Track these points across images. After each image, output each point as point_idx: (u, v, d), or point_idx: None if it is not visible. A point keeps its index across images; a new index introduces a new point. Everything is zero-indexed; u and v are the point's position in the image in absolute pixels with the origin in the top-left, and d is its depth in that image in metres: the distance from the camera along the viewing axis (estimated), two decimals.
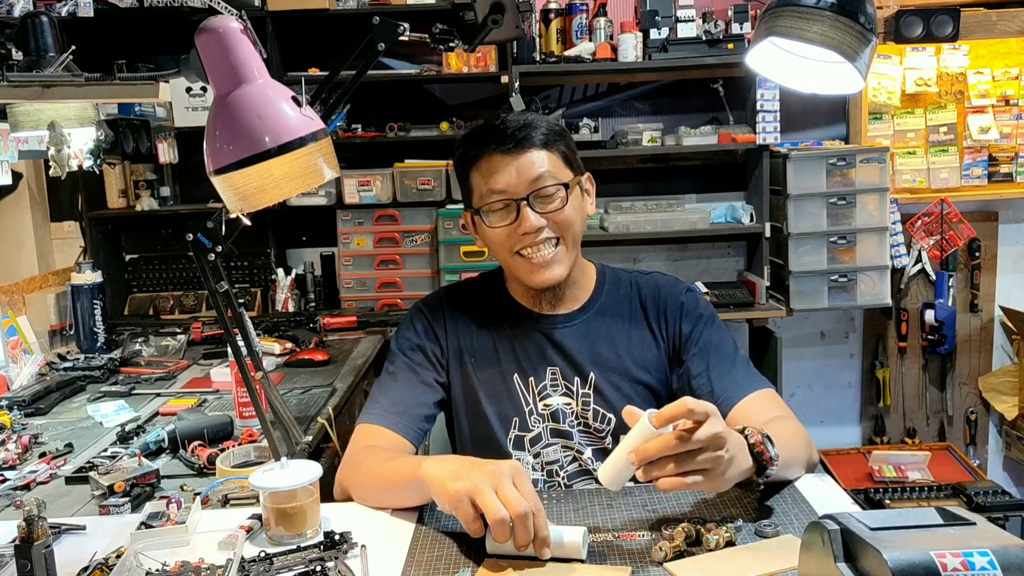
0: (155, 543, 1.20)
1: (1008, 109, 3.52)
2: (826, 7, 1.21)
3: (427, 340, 1.56)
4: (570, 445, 1.52)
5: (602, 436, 1.52)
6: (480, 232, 1.51)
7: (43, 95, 1.65)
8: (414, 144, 3.43)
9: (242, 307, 1.40)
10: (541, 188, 1.43)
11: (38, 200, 3.19)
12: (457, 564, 1.15)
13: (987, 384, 3.72)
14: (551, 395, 1.52)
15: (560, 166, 1.46)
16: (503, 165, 1.43)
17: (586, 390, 1.51)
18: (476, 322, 1.57)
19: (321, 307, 3.42)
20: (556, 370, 1.52)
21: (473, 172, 1.48)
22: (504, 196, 1.44)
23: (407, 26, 1.32)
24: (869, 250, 3.35)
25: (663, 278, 1.59)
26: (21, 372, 2.34)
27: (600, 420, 1.51)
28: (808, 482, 1.37)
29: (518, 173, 1.43)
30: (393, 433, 1.45)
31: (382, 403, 1.50)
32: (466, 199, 1.53)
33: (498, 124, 1.46)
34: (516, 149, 1.43)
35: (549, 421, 1.52)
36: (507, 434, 1.52)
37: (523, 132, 1.44)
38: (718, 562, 1.12)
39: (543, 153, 1.44)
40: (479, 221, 1.49)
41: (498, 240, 1.46)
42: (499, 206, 1.45)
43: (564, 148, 1.48)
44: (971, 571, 0.77)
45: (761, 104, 3.28)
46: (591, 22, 3.36)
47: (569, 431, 1.52)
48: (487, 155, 1.45)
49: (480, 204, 1.47)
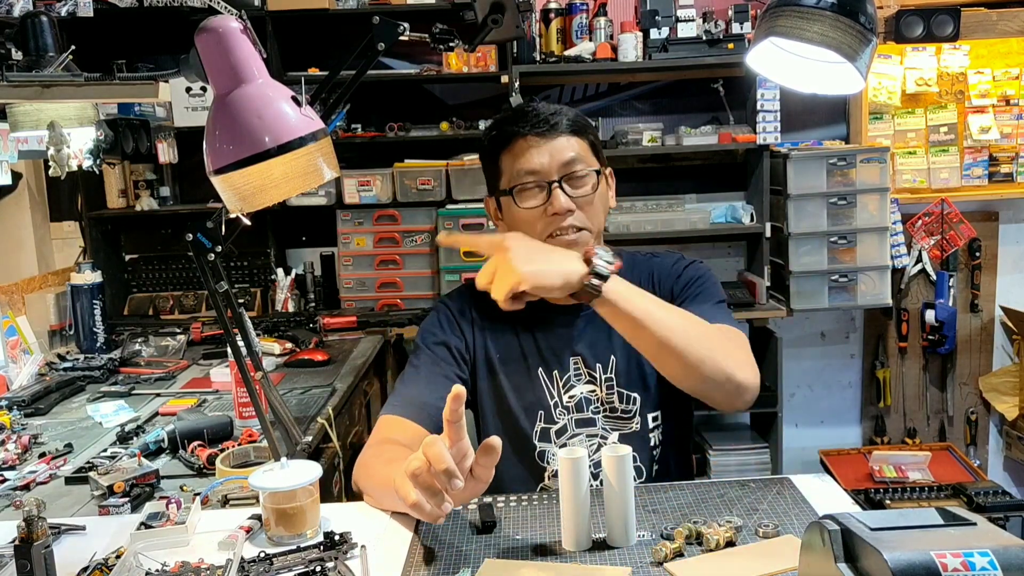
0: (155, 543, 1.20)
1: (1008, 109, 3.52)
2: (826, 7, 1.21)
3: (451, 336, 1.57)
4: (594, 432, 1.53)
5: (629, 417, 1.53)
6: (507, 214, 1.53)
7: (43, 95, 1.65)
8: (414, 144, 3.43)
9: (242, 307, 1.40)
10: (573, 171, 1.46)
11: (38, 200, 3.19)
12: (457, 564, 1.15)
13: (987, 384, 3.72)
14: (575, 385, 1.54)
15: (589, 154, 1.50)
16: (536, 147, 1.46)
17: (609, 375, 1.53)
18: (500, 318, 1.57)
19: (321, 307, 3.41)
20: (579, 359, 1.54)
21: (504, 154, 1.50)
22: (537, 177, 1.46)
23: (407, 26, 1.31)
24: (869, 250, 3.35)
25: (669, 257, 1.62)
26: (21, 372, 2.34)
27: (626, 401, 1.53)
28: (808, 482, 1.37)
29: (551, 155, 1.46)
30: (414, 424, 1.45)
31: (404, 395, 1.51)
32: (492, 183, 1.55)
33: (530, 110, 1.50)
34: (550, 133, 1.47)
35: (574, 412, 1.54)
36: (533, 427, 1.54)
37: (555, 118, 1.48)
38: (718, 562, 1.12)
39: (574, 139, 1.48)
40: (507, 203, 1.51)
41: (527, 222, 1.48)
42: (531, 186, 1.47)
43: (592, 138, 1.52)
44: (971, 571, 0.77)
45: (761, 104, 3.28)
46: (591, 22, 3.36)
47: (592, 418, 1.54)
48: (520, 137, 1.48)
49: (511, 184, 1.48)
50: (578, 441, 1.53)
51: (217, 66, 1.19)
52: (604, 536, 1.20)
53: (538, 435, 1.54)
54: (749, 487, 1.36)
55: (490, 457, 1.09)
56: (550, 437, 1.54)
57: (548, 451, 1.54)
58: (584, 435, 1.53)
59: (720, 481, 1.39)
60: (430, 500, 1.06)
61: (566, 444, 1.53)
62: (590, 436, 1.53)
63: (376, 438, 1.45)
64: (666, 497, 1.34)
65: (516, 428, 1.54)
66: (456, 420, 1.06)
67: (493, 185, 1.55)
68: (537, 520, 1.28)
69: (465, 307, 1.60)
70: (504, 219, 1.54)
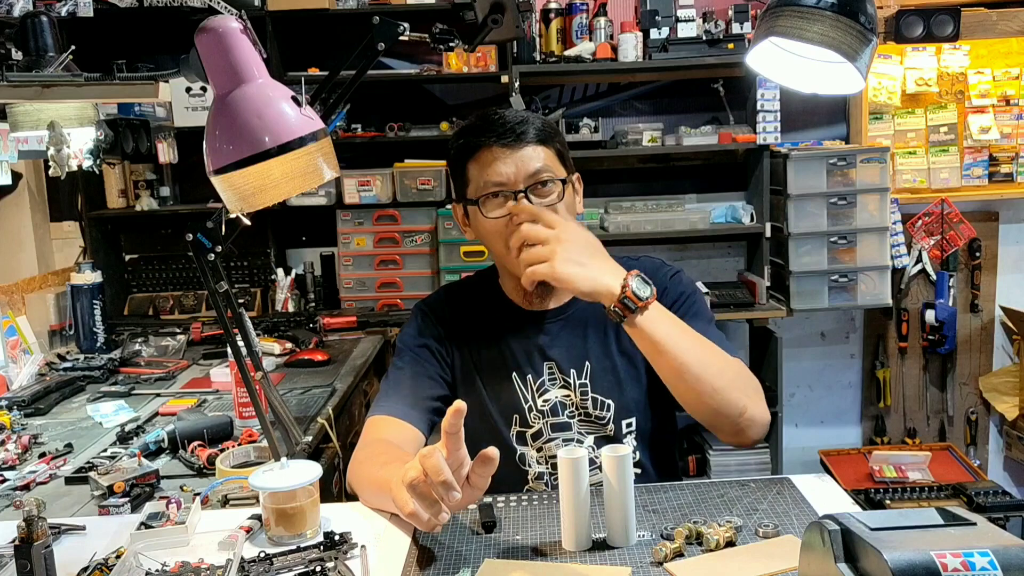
0: (155, 543, 1.20)
1: (1008, 109, 3.52)
2: (826, 7, 1.20)
3: (431, 338, 1.58)
4: (570, 437, 1.53)
5: (604, 423, 1.53)
6: (475, 223, 1.52)
7: (43, 95, 1.65)
8: (414, 144, 3.43)
9: (242, 307, 1.40)
10: (539, 181, 1.45)
11: (38, 200, 3.19)
12: (457, 564, 1.15)
13: (987, 384, 3.71)
14: (549, 389, 1.54)
15: (556, 162, 1.49)
16: (502, 157, 1.45)
17: (583, 380, 1.53)
18: (475, 323, 1.59)
19: (321, 307, 3.41)
20: (552, 364, 1.54)
21: (471, 164, 1.49)
22: (503, 187, 1.45)
23: (407, 26, 1.31)
24: (869, 250, 3.35)
25: (649, 262, 1.59)
26: (21, 372, 2.34)
27: (600, 407, 1.53)
28: (808, 482, 1.37)
29: (517, 166, 1.45)
30: (404, 423, 1.47)
31: (391, 395, 1.52)
32: (460, 191, 1.54)
33: (496, 118, 1.48)
34: (515, 143, 1.45)
35: (549, 416, 1.54)
36: (510, 431, 1.54)
37: (521, 127, 1.46)
38: (718, 562, 1.12)
39: (540, 148, 1.47)
40: (474, 212, 1.50)
41: (494, 231, 1.47)
42: (497, 197, 1.46)
43: (558, 145, 1.51)
44: (971, 571, 0.77)
45: (761, 104, 3.28)
46: (591, 22, 3.36)
47: (568, 423, 1.53)
48: (486, 147, 1.47)
49: (478, 195, 1.48)
50: (554, 445, 1.53)
51: (217, 66, 1.19)
52: (604, 536, 1.20)
53: (515, 438, 1.54)
54: (749, 487, 1.36)
55: (487, 467, 1.09)
56: (527, 440, 1.54)
57: (527, 454, 1.54)
58: (560, 439, 1.53)
59: (720, 481, 1.39)
60: (427, 510, 1.07)
61: (542, 448, 1.53)
62: (566, 440, 1.53)
63: (367, 439, 1.46)
64: (666, 497, 1.34)
65: (494, 431, 1.54)
66: (455, 432, 1.07)
67: (461, 192, 1.54)
68: (537, 520, 1.28)
69: (443, 311, 1.61)
70: (471, 227, 1.54)
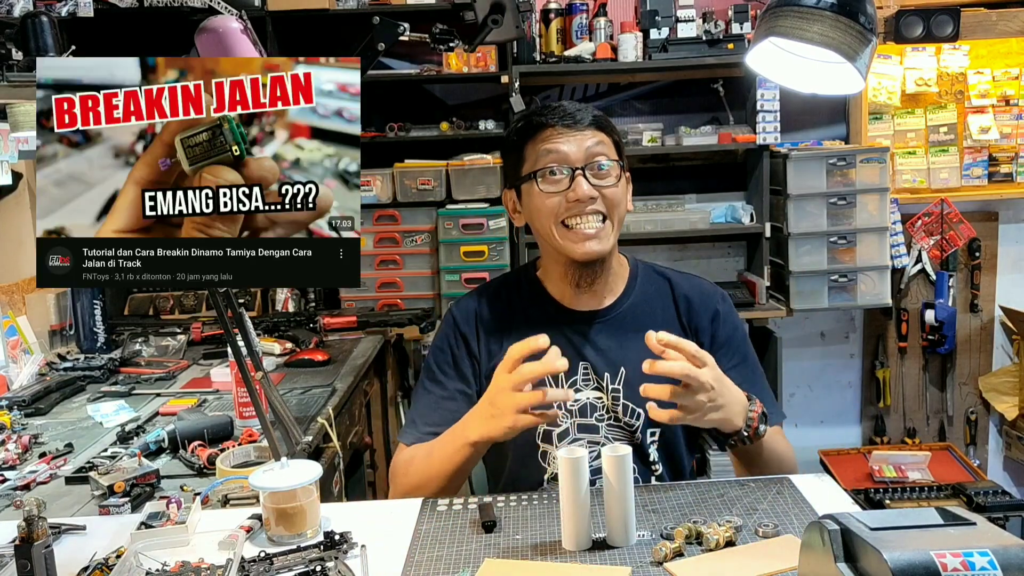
0: (155, 543, 1.20)
1: (1008, 109, 3.52)
2: (826, 7, 1.21)
3: (460, 349, 1.59)
4: (596, 440, 1.53)
5: (633, 431, 1.53)
6: (527, 202, 1.54)
7: None
8: (414, 144, 3.43)
9: (242, 307, 1.40)
10: (597, 161, 1.49)
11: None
12: (457, 564, 1.16)
13: (987, 384, 3.72)
14: (582, 389, 1.54)
15: (612, 150, 1.53)
16: (563, 135, 1.49)
17: (616, 385, 1.53)
18: (510, 323, 1.59)
19: (321, 307, 3.41)
20: (588, 365, 1.54)
21: (529, 143, 1.52)
22: (562, 162, 1.48)
23: (407, 26, 1.32)
24: (869, 250, 3.35)
25: (704, 282, 1.65)
26: (21, 372, 2.34)
27: (630, 415, 1.53)
28: (808, 482, 1.37)
29: (577, 144, 1.49)
30: None
31: (418, 424, 1.55)
32: (513, 174, 1.56)
33: (557, 105, 1.53)
34: (576, 125, 1.50)
35: (577, 416, 1.54)
36: (536, 428, 1.54)
37: (582, 113, 1.51)
38: (718, 562, 1.12)
39: (600, 133, 1.52)
40: (527, 190, 1.52)
41: (547, 208, 1.49)
42: (555, 172, 1.48)
43: (616, 137, 1.56)
44: (971, 571, 0.77)
45: (761, 104, 3.28)
46: (591, 22, 3.36)
47: (596, 425, 1.54)
48: (548, 127, 1.50)
49: (534, 169, 1.50)
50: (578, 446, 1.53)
51: None
52: (604, 536, 1.20)
53: (540, 436, 1.54)
54: (749, 487, 1.36)
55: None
56: (552, 439, 1.54)
57: (550, 452, 1.54)
58: (586, 440, 1.53)
59: (720, 481, 1.39)
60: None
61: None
62: (592, 442, 1.53)
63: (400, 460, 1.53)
64: (666, 497, 1.34)
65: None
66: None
67: (514, 176, 1.56)
68: (537, 520, 1.28)
69: (472, 313, 1.61)
70: (523, 208, 1.56)
